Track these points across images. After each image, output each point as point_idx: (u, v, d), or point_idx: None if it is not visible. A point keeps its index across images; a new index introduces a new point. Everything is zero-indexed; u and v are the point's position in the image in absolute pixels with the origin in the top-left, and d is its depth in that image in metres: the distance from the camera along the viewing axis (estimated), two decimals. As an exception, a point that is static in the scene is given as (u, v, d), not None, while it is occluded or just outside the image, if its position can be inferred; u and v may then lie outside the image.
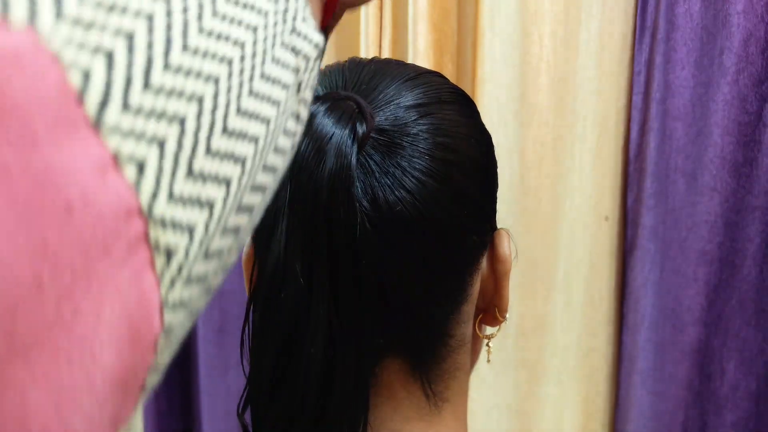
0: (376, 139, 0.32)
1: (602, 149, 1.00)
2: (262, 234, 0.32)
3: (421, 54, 0.98)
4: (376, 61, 0.36)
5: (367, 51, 1.03)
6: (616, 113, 1.00)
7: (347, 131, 0.30)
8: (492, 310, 0.38)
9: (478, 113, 0.37)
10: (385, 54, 1.03)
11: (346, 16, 1.12)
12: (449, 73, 1.01)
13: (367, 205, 0.31)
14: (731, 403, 0.96)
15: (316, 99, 0.32)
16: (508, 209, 1.02)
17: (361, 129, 0.31)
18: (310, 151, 0.30)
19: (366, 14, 1.02)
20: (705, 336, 0.96)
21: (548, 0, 0.97)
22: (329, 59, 1.10)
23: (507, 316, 0.38)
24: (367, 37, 1.02)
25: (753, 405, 0.95)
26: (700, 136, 0.94)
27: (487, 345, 0.39)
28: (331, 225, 0.30)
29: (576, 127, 1.00)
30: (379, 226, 0.31)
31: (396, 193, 0.31)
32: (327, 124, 0.30)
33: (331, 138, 0.30)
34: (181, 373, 1.35)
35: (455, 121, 0.34)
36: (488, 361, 0.40)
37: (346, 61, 0.37)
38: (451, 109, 0.34)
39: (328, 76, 0.35)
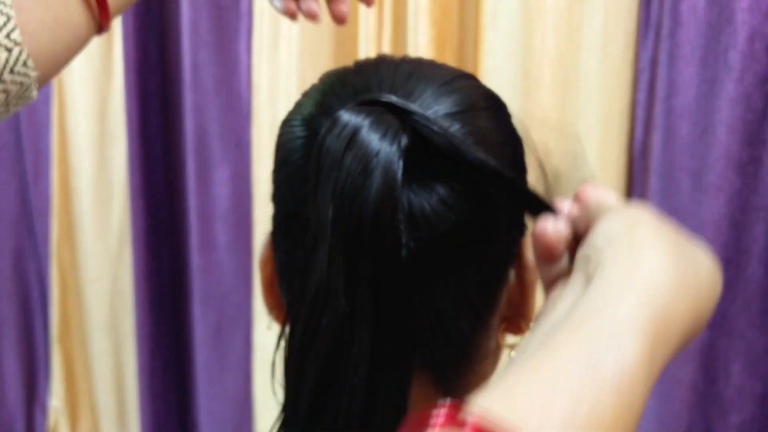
0: (416, 152, 0.31)
1: (606, 147, 0.99)
2: (300, 255, 0.31)
3: (421, 50, 0.97)
4: (407, 62, 0.35)
5: (366, 47, 1.02)
6: (620, 111, 0.99)
7: (394, 149, 0.29)
8: (517, 320, 0.37)
9: (510, 116, 0.36)
10: (386, 50, 1.01)
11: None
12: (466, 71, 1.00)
13: (406, 221, 0.30)
14: (736, 405, 0.95)
15: (356, 107, 0.30)
16: (510, 208, 1.01)
17: (405, 144, 0.30)
18: (356, 169, 0.29)
19: (365, 10, 1.01)
20: (709, 337, 0.95)
21: (551, -5, 0.96)
22: (327, 54, 1.09)
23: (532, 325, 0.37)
24: (367, 32, 1.01)
25: (758, 407, 0.94)
26: (705, 134, 0.93)
27: (510, 355, 0.38)
28: (376, 247, 0.29)
29: (579, 125, 0.99)
30: (418, 242, 0.30)
31: (432, 204, 0.30)
32: (373, 139, 0.29)
33: (377, 155, 0.29)
34: (178, 374, 1.34)
35: (492, 129, 0.33)
36: None
37: (376, 59, 0.36)
38: (487, 116, 0.33)
39: (360, 76, 0.34)
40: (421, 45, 0.97)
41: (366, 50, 1.02)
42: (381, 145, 0.29)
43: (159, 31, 1.23)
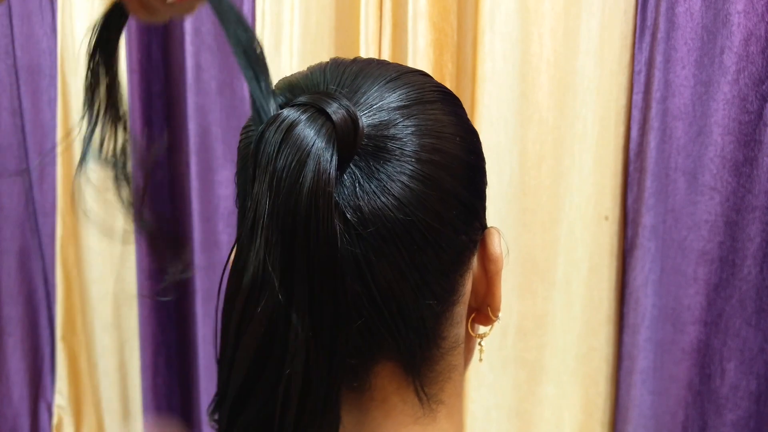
0: (361, 145, 0.31)
1: (602, 148, 1.00)
2: (241, 245, 0.31)
3: (421, 53, 0.98)
4: (358, 62, 0.35)
5: (366, 50, 1.03)
6: (617, 112, 1.00)
7: (327, 143, 0.29)
8: (485, 310, 0.37)
9: (463, 110, 0.36)
10: (385, 53, 1.02)
11: (346, 15, 1.12)
12: (449, 72, 1.01)
13: (351, 213, 0.30)
14: (731, 402, 0.95)
15: (298, 105, 0.31)
16: (508, 209, 1.02)
17: (346, 141, 0.30)
18: (291, 164, 0.29)
19: (366, 13, 1.02)
20: (705, 335, 0.96)
21: (548, -1, 0.97)
22: (328, 57, 1.10)
23: (500, 315, 0.38)
24: (367, 36, 1.02)
25: (753, 404, 0.95)
26: (701, 135, 0.93)
27: (480, 344, 0.39)
28: (310, 240, 0.29)
29: (576, 127, 1.00)
30: (365, 233, 0.30)
31: (382, 198, 0.30)
32: (308, 135, 0.29)
33: (311, 150, 0.29)
34: (181, 372, 1.35)
35: (440, 121, 0.33)
36: (480, 360, 0.40)
37: (327, 61, 0.36)
38: (435, 109, 0.33)
39: (309, 77, 0.34)
40: (420, 47, 0.98)
41: (366, 53, 1.03)
42: (315, 141, 0.29)
43: (162, 33, 1.24)
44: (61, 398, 1.43)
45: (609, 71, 0.99)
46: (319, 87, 0.33)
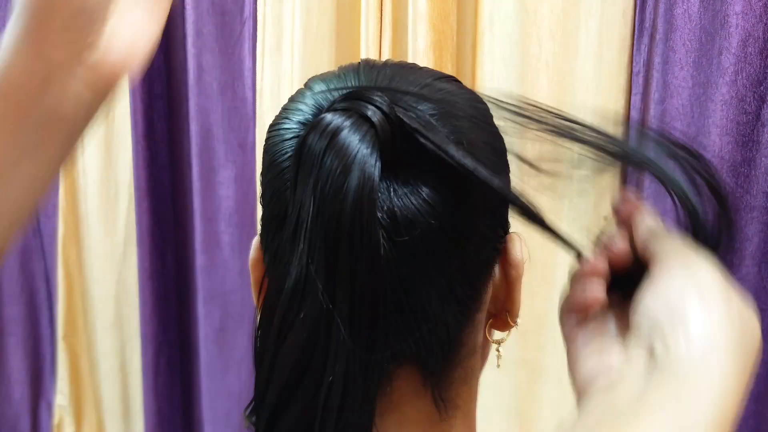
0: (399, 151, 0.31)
1: (601, 149, 1.01)
2: (280, 250, 0.31)
3: (420, 54, 0.98)
4: (390, 65, 0.35)
5: (367, 51, 1.03)
6: (615, 114, 1.01)
7: (373, 151, 0.29)
8: (503, 315, 0.37)
9: (492, 117, 0.37)
10: (385, 54, 1.03)
11: (347, 17, 1.12)
12: (448, 74, 1.01)
13: (385, 218, 0.30)
14: (730, 402, 0.96)
15: (339, 109, 0.31)
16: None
17: (386, 147, 0.30)
18: (336, 170, 0.29)
19: (366, 15, 1.03)
20: (704, 335, 0.96)
21: (547, 0, 0.98)
22: (329, 58, 1.10)
23: (518, 321, 0.38)
24: (368, 37, 1.03)
25: (752, 404, 0.95)
26: (699, 136, 0.94)
27: (497, 350, 0.39)
28: (355, 245, 0.29)
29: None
30: (397, 238, 0.30)
31: (415, 204, 0.30)
32: (353, 142, 0.29)
33: (356, 157, 0.29)
34: (182, 372, 1.36)
35: (472, 129, 0.33)
36: (498, 366, 0.40)
37: (359, 63, 0.36)
38: (468, 117, 0.34)
39: (342, 79, 0.34)
40: (420, 49, 0.99)
41: (367, 54, 1.04)
42: (360, 147, 0.29)
43: (164, 35, 1.24)
44: (61, 398, 1.43)
45: (608, 73, 0.99)
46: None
